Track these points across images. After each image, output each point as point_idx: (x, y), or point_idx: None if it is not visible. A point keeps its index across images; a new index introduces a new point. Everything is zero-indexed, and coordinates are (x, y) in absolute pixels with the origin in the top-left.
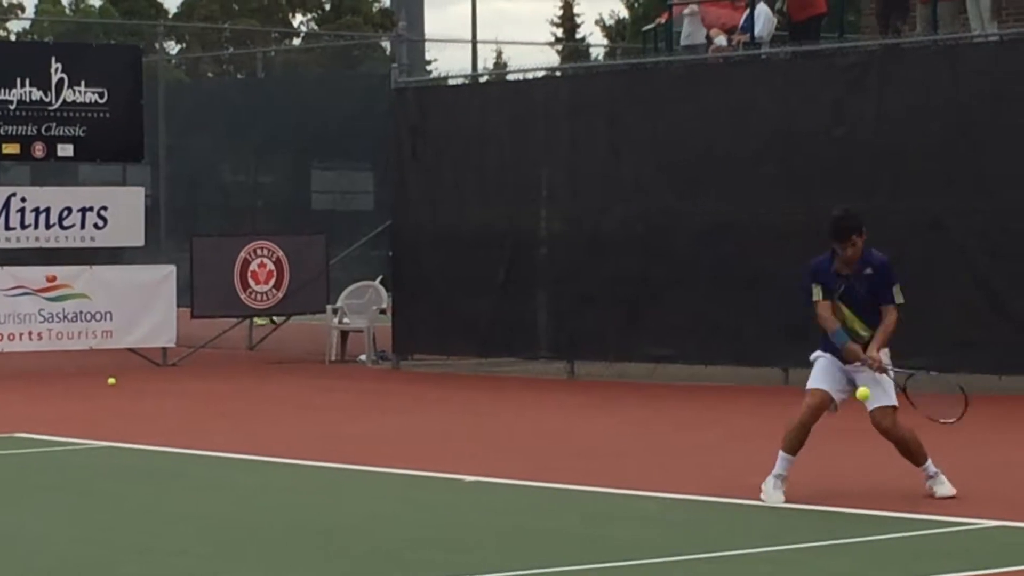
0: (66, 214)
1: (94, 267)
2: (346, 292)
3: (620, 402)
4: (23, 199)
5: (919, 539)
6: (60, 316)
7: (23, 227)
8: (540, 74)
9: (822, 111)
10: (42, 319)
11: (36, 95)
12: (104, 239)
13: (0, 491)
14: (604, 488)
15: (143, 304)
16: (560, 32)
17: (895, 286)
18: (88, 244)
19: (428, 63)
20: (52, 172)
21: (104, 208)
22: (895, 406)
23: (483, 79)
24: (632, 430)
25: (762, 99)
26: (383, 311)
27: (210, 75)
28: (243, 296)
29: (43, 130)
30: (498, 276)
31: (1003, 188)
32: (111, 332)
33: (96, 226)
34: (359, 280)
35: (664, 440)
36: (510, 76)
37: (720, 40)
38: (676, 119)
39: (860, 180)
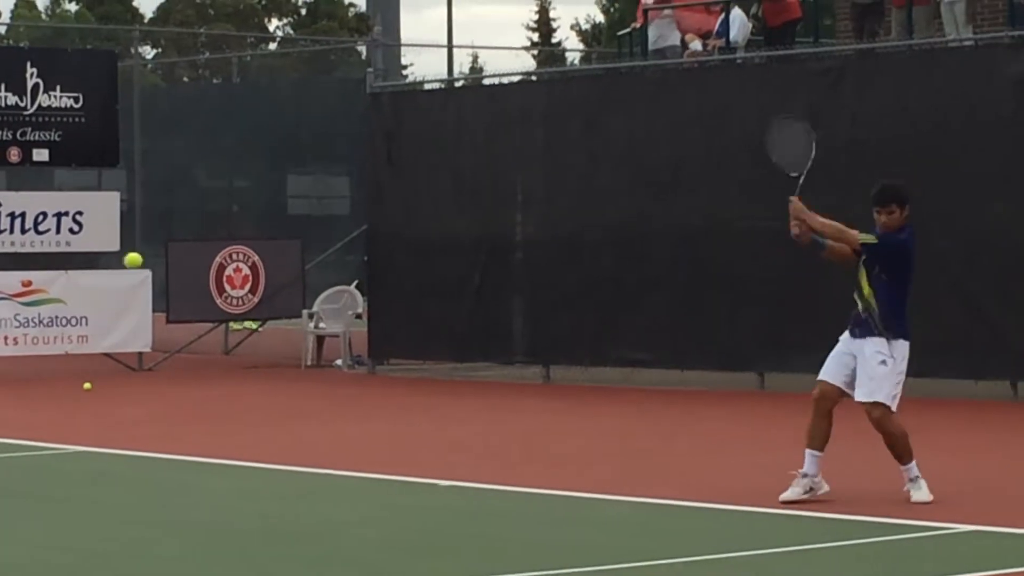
0: (41, 219)
1: (70, 272)
2: (322, 297)
3: (595, 407)
4: None
5: (895, 544)
6: (36, 321)
7: None
8: (516, 79)
9: (797, 116)
10: (17, 324)
11: (11, 100)
12: (80, 244)
13: None
14: (579, 493)
15: (119, 309)
16: (536, 37)
17: (886, 242)
18: (64, 249)
19: (404, 68)
20: (27, 177)
21: (80, 213)
22: (882, 402)
23: (459, 84)
24: (607, 435)
25: (737, 104)
26: (359, 316)
27: (186, 80)
28: (219, 301)
29: (18, 135)
30: (473, 281)
31: (979, 192)
32: (87, 337)
33: (72, 231)
34: (335, 285)
35: (639, 445)
36: (486, 81)
37: (695, 45)
38: (652, 124)
39: (836, 185)
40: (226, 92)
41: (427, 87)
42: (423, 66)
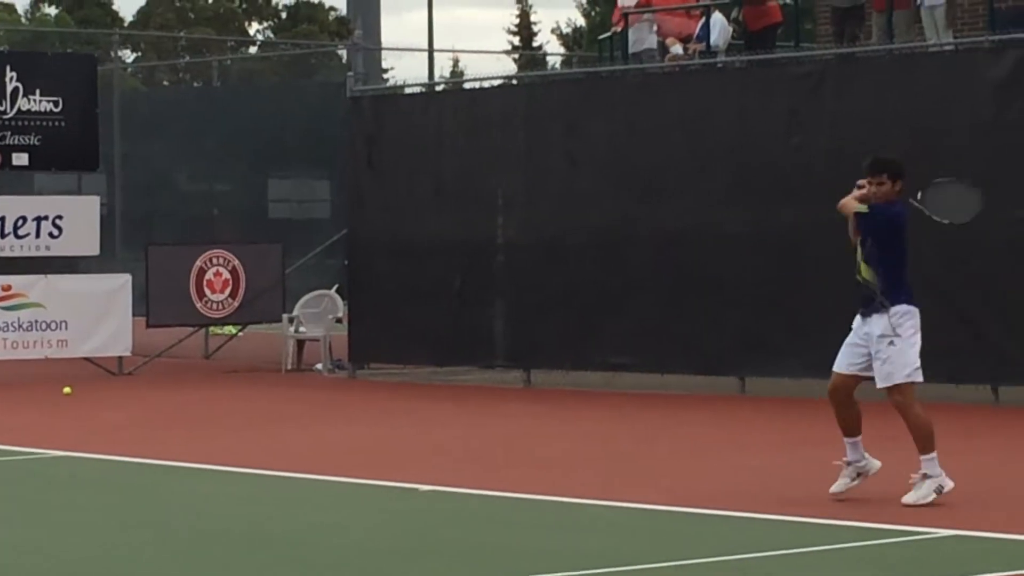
0: (21, 223)
1: (49, 276)
2: (302, 301)
3: (576, 411)
4: None
5: (876, 548)
6: (15, 325)
7: None
8: (497, 83)
9: (778, 120)
10: None
11: None
12: (59, 248)
13: None
14: (561, 497)
15: (98, 313)
16: (517, 40)
17: (876, 213)
18: (43, 253)
19: (385, 71)
20: (7, 181)
21: (59, 217)
22: (899, 384)
23: (439, 87)
24: (589, 439)
25: (718, 108)
26: (339, 320)
27: (166, 83)
28: (199, 305)
29: None
30: (454, 285)
31: None
32: (66, 341)
33: (51, 235)
34: (315, 289)
35: (621, 449)
36: (466, 85)
37: (676, 49)
38: (632, 128)
39: (817, 189)
40: (206, 96)
41: (408, 91)
42: (404, 70)
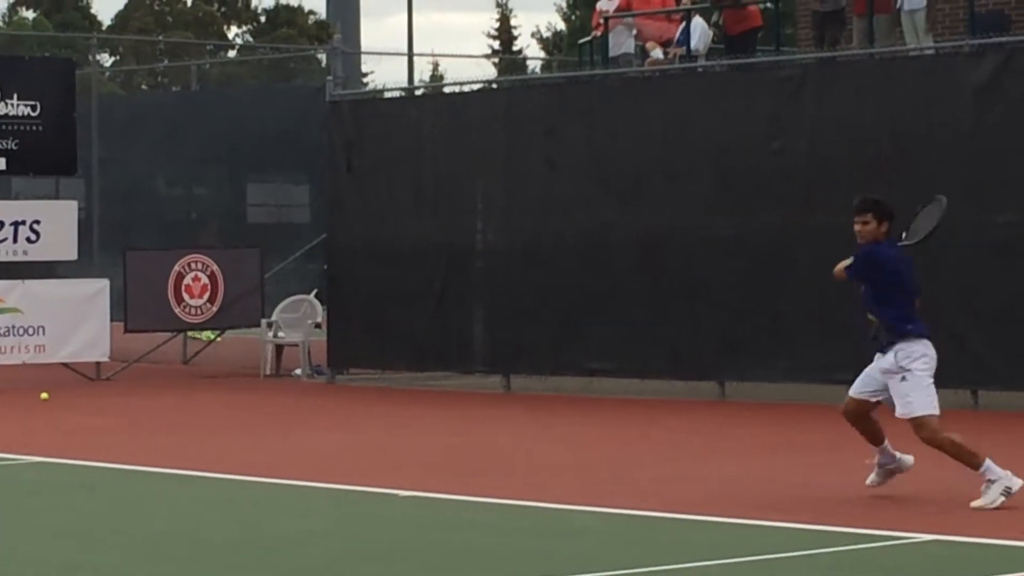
0: None
1: (27, 281)
2: (281, 306)
3: (556, 416)
4: None
5: (856, 553)
6: None
7: None
8: (477, 87)
9: (758, 124)
10: None
11: None
12: (37, 253)
13: None
14: (540, 503)
15: (76, 318)
16: (497, 44)
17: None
18: (21, 258)
19: (364, 76)
20: None
21: (37, 222)
22: (920, 416)
23: (419, 92)
24: (568, 444)
25: (698, 112)
26: (318, 325)
27: (144, 88)
28: (177, 310)
29: None
30: (434, 289)
31: None
32: (44, 347)
33: (29, 240)
34: (294, 294)
35: (601, 454)
36: (446, 89)
37: (656, 53)
38: (613, 132)
39: (797, 193)
40: (185, 100)
41: (387, 95)
42: (383, 74)
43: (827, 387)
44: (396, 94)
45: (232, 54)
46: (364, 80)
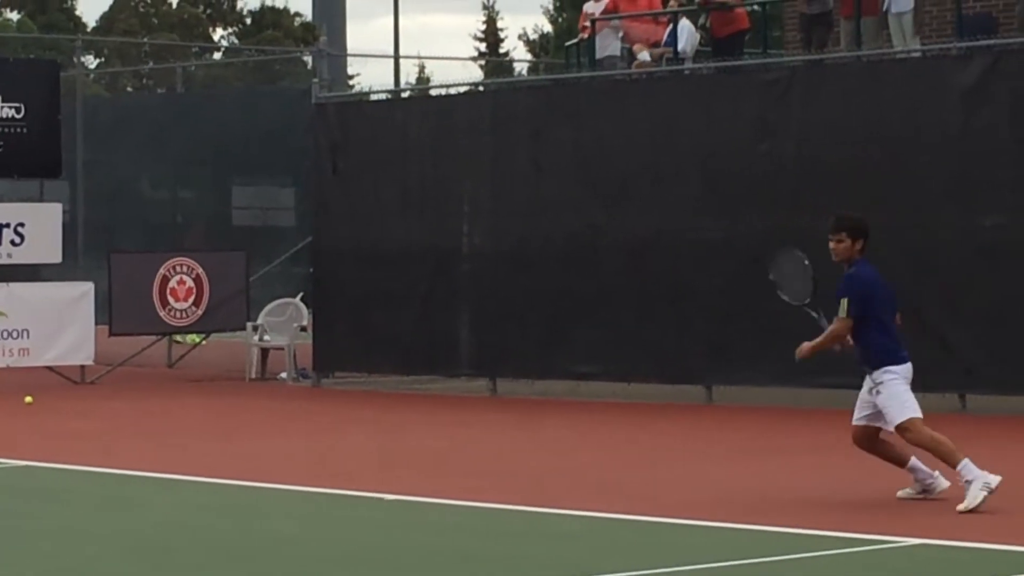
0: None
1: (11, 284)
2: (266, 309)
3: (542, 420)
4: None
5: (843, 557)
6: None
7: None
8: (463, 89)
9: (746, 127)
10: None
11: None
12: (21, 256)
13: None
14: (526, 507)
15: (61, 321)
16: (483, 47)
17: (842, 300)
18: (5, 261)
19: (350, 78)
20: None
21: (21, 225)
22: (901, 425)
23: (405, 94)
24: (554, 448)
25: (686, 115)
26: (304, 328)
27: (129, 90)
28: (162, 313)
29: None
30: (420, 293)
31: (926, 204)
32: (28, 350)
33: (13, 243)
34: (280, 297)
35: (587, 458)
36: (433, 91)
37: (643, 56)
38: (599, 134)
39: (784, 196)
40: (170, 102)
41: (373, 97)
42: (370, 76)
43: (814, 391)
44: (382, 96)
45: (218, 56)
46: (350, 82)
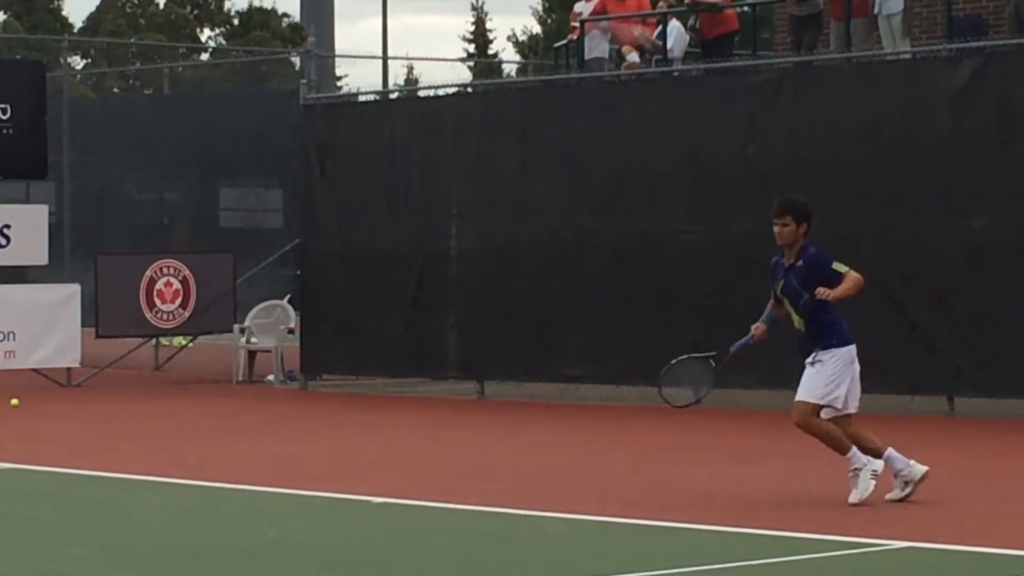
0: None
1: None
2: (254, 311)
3: (530, 423)
4: None
5: (830, 560)
6: None
7: None
8: (451, 90)
9: (735, 128)
10: None
11: None
12: (7, 258)
13: None
14: (513, 509)
15: (47, 324)
16: (472, 48)
17: (833, 264)
18: None
19: (338, 79)
20: None
21: (7, 226)
22: (804, 401)
23: (393, 95)
24: (542, 451)
25: (675, 116)
26: (291, 331)
27: (116, 90)
28: (149, 315)
29: None
30: (407, 295)
31: (915, 207)
32: (14, 352)
33: None
34: (267, 299)
35: (575, 461)
36: (421, 92)
37: (632, 57)
38: (588, 136)
39: (773, 198)
40: (157, 103)
41: (361, 99)
42: (358, 77)
43: None
44: (370, 98)
45: (205, 57)
46: (338, 84)
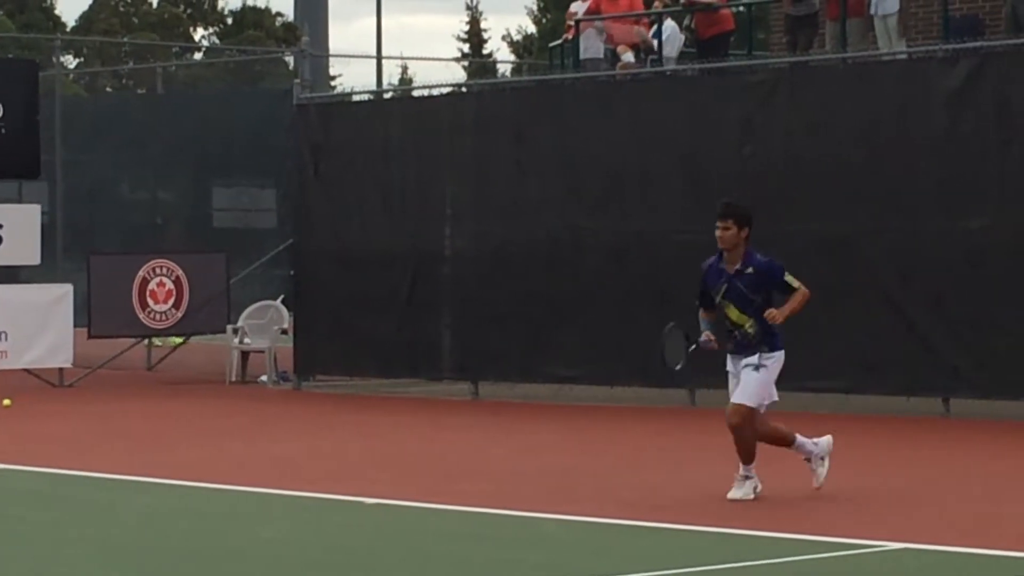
0: None
1: None
2: (247, 312)
3: (524, 424)
4: None
5: (825, 561)
6: None
7: None
8: (446, 90)
9: (730, 129)
10: None
11: None
12: None
13: None
14: (507, 510)
15: (39, 324)
16: (467, 48)
17: (785, 275)
18: None
19: (332, 79)
20: None
21: None
22: (749, 406)
23: (388, 95)
24: (536, 452)
25: (670, 116)
26: (284, 331)
27: (109, 90)
28: (142, 316)
29: None
30: (401, 296)
31: (912, 207)
32: (6, 352)
33: None
34: (260, 299)
35: (569, 462)
36: (415, 92)
37: (627, 57)
38: (583, 136)
39: (769, 198)
40: (150, 103)
41: (355, 98)
42: (352, 77)
43: (796, 394)
44: (364, 97)
45: (198, 56)
46: (332, 83)
